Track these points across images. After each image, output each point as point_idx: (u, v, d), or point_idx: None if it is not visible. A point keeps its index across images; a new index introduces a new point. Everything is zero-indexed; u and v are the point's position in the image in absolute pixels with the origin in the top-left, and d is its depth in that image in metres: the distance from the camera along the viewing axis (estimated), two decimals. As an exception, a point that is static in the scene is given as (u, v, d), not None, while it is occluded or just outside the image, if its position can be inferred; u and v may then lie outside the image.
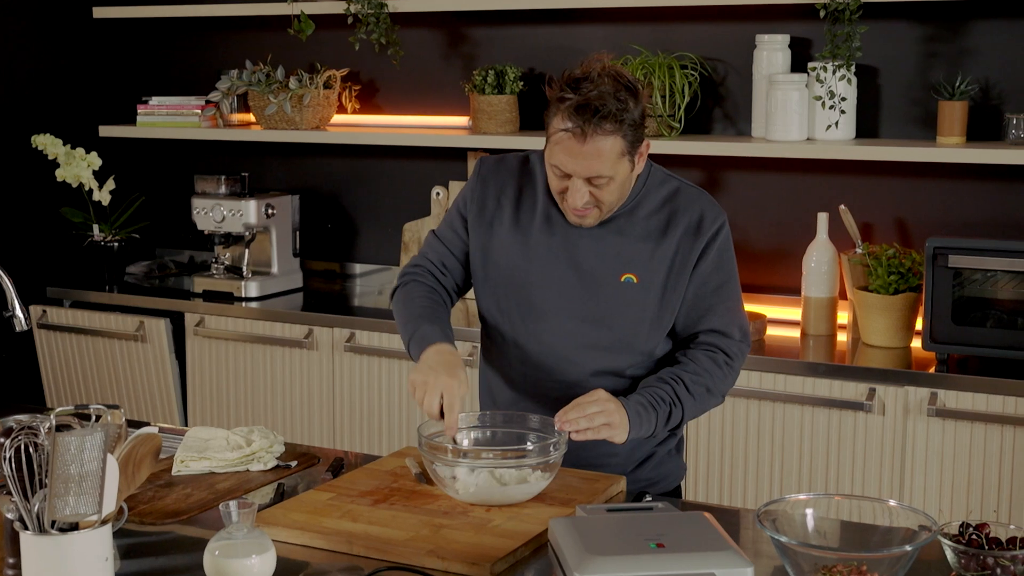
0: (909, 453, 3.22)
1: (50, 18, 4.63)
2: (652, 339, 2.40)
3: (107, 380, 4.31)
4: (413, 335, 2.36)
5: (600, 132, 2.19)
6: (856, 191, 3.74)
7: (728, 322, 2.38)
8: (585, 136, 2.19)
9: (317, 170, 4.60)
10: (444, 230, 2.52)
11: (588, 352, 2.39)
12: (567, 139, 2.22)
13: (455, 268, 2.50)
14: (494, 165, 2.48)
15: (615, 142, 2.21)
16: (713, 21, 3.88)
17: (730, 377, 2.39)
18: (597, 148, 2.21)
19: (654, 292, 2.36)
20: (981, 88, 3.57)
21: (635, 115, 2.23)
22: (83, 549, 1.74)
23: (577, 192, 2.26)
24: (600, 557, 1.78)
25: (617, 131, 2.21)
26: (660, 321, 2.39)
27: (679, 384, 2.31)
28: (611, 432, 2.23)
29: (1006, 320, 3.23)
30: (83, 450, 1.70)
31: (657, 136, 3.80)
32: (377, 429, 3.89)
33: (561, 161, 2.25)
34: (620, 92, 2.20)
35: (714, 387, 2.35)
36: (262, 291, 4.21)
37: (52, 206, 4.57)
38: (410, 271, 2.52)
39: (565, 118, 2.21)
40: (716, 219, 2.38)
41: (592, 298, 2.37)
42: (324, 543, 2.03)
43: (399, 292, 2.50)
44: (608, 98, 2.19)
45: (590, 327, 2.38)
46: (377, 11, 4.10)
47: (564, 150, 2.23)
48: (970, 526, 1.88)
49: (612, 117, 2.19)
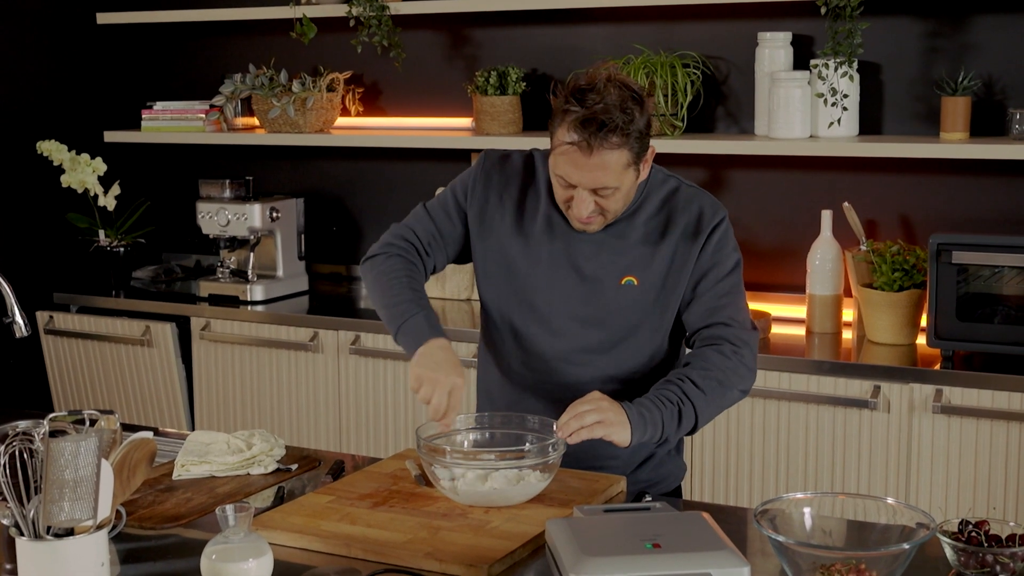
0: (915, 450, 3.21)
1: (54, 24, 4.64)
2: (652, 341, 2.39)
3: (114, 385, 4.32)
4: (404, 322, 2.33)
5: (606, 145, 2.17)
6: (860, 188, 3.73)
7: (731, 315, 2.35)
8: (591, 149, 2.17)
9: (321, 173, 4.60)
10: (437, 210, 2.47)
11: (587, 355, 2.39)
12: (572, 151, 2.20)
13: (439, 250, 2.47)
14: (499, 161, 2.46)
15: (621, 154, 2.20)
16: (715, 19, 3.88)
17: (742, 368, 2.31)
18: (603, 161, 2.19)
19: (653, 294, 2.36)
20: (984, 83, 3.56)
21: (641, 125, 2.20)
22: (79, 554, 1.75)
23: (583, 202, 2.25)
24: (596, 558, 1.77)
25: (624, 144, 2.19)
26: (660, 322, 2.38)
27: (686, 382, 2.26)
28: (606, 430, 2.17)
29: (1011, 316, 3.22)
30: (77, 455, 1.71)
31: (660, 135, 3.80)
32: (383, 432, 3.90)
33: (566, 172, 2.23)
34: (626, 103, 2.18)
35: (726, 379, 2.28)
36: (267, 294, 4.22)
37: (58, 212, 4.58)
38: (393, 242, 2.46)
39: (571, 130, 2.19)
40: (714, 216, 2.36)
41: (593, 301, 2.37)
42: (323, 546, 2.03)
43: (380, 260, 2.43)
44: (614, 111, 2.16)
45: (591, 330, 2.38)
46: (379, 14, 4.10)
47: (569, 162, 2.21)
48: (969, 523, 1.88)
49: (619, 130, 2.17)
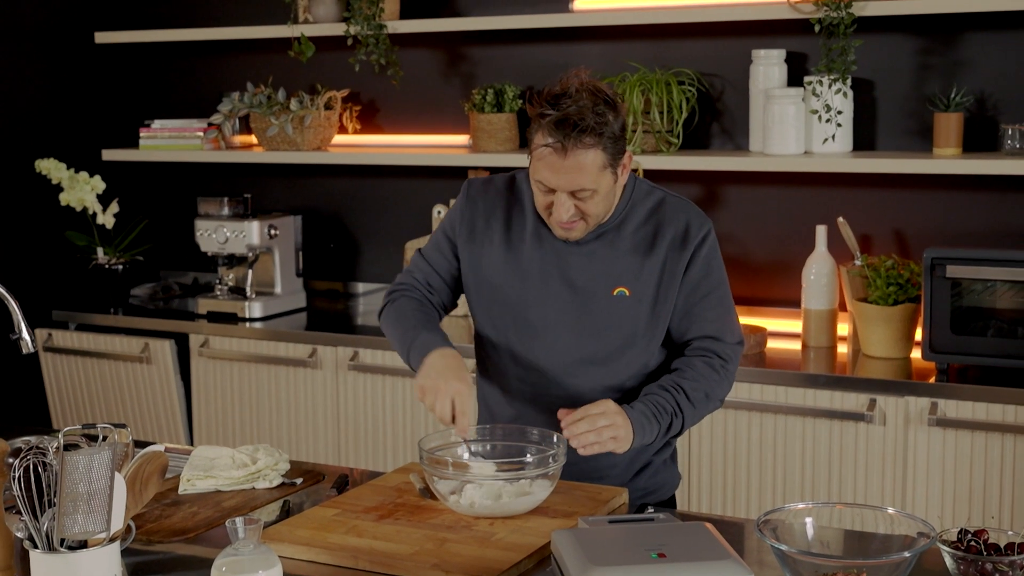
0: (910, 463, 3.24)
1: (52, 43, 4.67)
2: (647, 351, 2.43)
3: (113, 402, 4.33)
4: (413, 343, 2.39)
5: (580, 146, 2.24)
6: (854, 203, 3.76)
7: (720, 327, 2.43)
8: (566, 151, 2.24)
9: (319, 190, 4.63)
10: (431, 251, 2.55)
11: (584, 366, 2.42)
12: (549, 154, 2.26)
13: (441, 288, 2.54)
14: (482, 186, 2.52)
15: (596, 155, 2.26)
16: (709, 37, 3.91)
17: (726, 381, 2.43)
18: (579, 162, 2.25)
19: (646, 304, 2.40)
20: (976, 100, 3.60)
21: (615, 128, 2.27)
22: (92, 566, 1.76)
23: (562, 206, 2.31)
24: (602, 568, 1.80)
25: (597, 144, 2.25)
26: (653, 332, 2.42)
27: (680, 393, 2.35)
28: (616, 445, 2.27)
29: (1005, 329, 3.25)
30: (91, 468, 1.73)
31: (656, 152, 3.83)
32: (382, 446, 3.91)
33: (544, 176, 2.29)
34: (599, 106, 2.25)
35: (712, 392, 2.39)
36: (266, 311, 4.24)
37: (56, 230, 4.60)
38: (397, 288, 2.54)
39: (546, 134, 2.26)
40: (701, 227, 2.42)
41: (586, 313, 2.41)
42: (330, 558, 2.05)
43: (388, 308, 2.52)
44: (587, 112, 2.23)
45: (586, 341, 2.41)
46: (377, 32, 4.13)
47: (547, 165, 2.28)
48: (968, 532, 1.90)
49: (591, 131, 2.24)
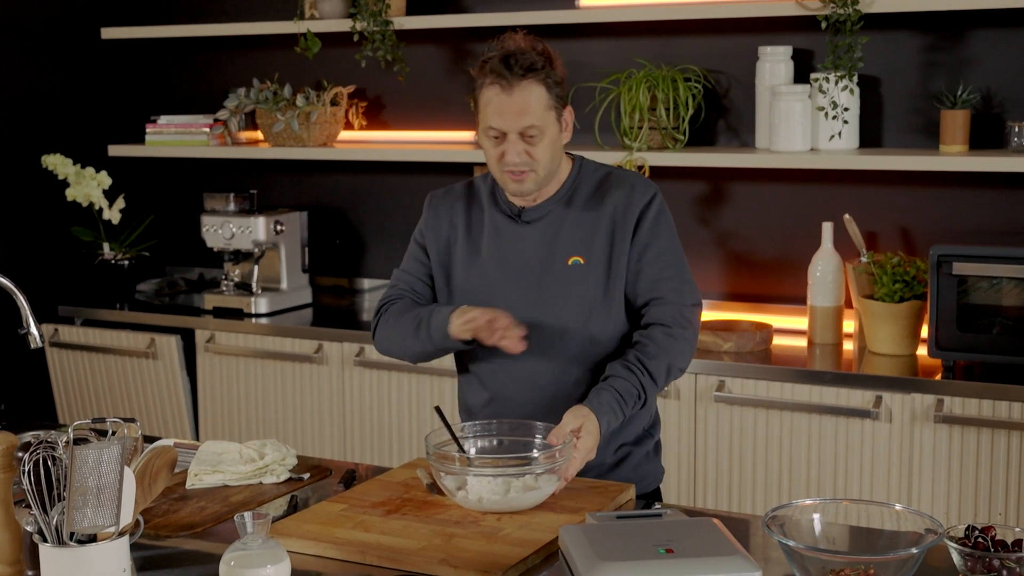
0: (916, 460, 3.24)
1: (59, 39, 4.67)
2: (611, 316, 2.45)
3: (119, 397, 4.34)
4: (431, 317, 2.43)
5: (524, 80, 2.35)
6: (860, 200, 3.76)
7: (676, 288, 2.45)
8: (512, 87, 2.35)
9: (325, 186, 4.63)
10: (408, 262, 2.62)
11: (555, 340, 2.44)
12: (496, 95, 2.36)
13: (426, 292, 2.59)
14: (442, 195, 2.62)
15: (540, 92, 2.36)
16: (716, 34, 3.91)
17: (688, 348, 2.45)
18: (524, 99, 2.35)
19: (601, 270, 2.45)
20: (983, 97, 3.60)
21: (555, 75, 2.39)
22: (101, 560, 1.77)
23: (512, 148, 2.37)
24: (610, 563, 1.80)
25: (540, 79, 2.36)
26: (612, 297, 2.45)
27: (644, 374, 2.38)
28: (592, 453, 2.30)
29: (1011, 326, 3.25)
30: (100, 463, 1.73)
31: (661, 148, 3.83)
32: (387, 442, 3.92)
33: (494, 120, 2.37)
34: (537, 49, 2.38)
35: (674, 363, 2.42)
36: (272, 307, 4.25)
37: (63, 225, 4.61)
38: (385, 302, 2.59)
39: (492, 77, 2.36)
40: (647, 191, 2.48)
41: (546, 286, 2.46)
42: (337, 553, 2.05)
43: (383, 319, 2.56)
44: (528, 51, 2.37)
45: (550, 314, 2.44)
46: (383, 28, 4.14)
47: (495, 109, 2.37)
48: (976, 529, 1.90)
49: (533, 67, 2.35)
